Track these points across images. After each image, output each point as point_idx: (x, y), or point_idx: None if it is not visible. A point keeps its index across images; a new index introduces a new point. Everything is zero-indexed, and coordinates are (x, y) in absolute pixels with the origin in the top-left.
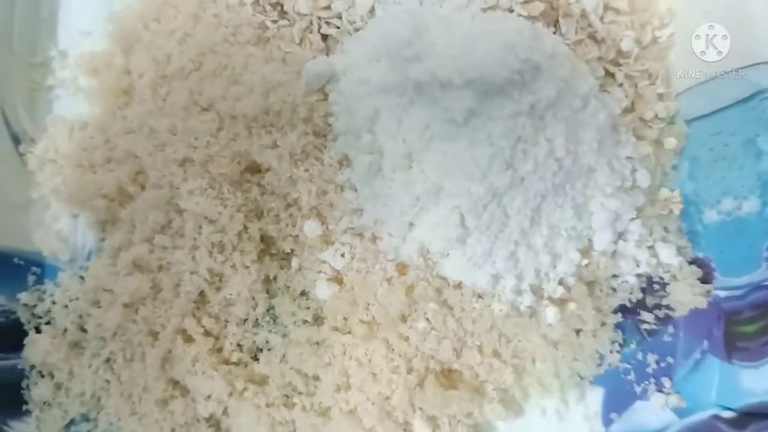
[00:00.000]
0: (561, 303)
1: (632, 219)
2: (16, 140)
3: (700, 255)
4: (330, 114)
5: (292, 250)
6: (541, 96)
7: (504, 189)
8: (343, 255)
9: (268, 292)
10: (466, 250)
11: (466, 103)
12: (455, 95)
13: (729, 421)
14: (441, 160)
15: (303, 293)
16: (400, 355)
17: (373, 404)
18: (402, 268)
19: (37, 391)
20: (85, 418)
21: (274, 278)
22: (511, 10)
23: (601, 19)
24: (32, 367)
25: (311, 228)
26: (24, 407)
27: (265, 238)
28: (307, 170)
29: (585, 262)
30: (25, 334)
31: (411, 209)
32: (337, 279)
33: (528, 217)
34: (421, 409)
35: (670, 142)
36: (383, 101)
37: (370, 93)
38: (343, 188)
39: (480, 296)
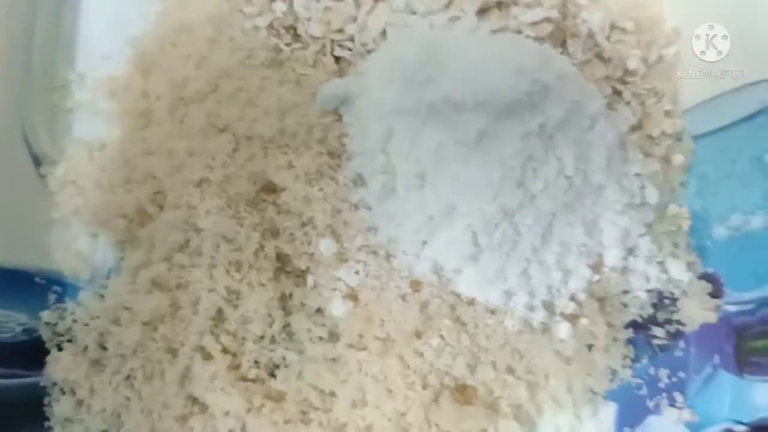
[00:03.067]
0: (573, 319)
1: (642, 235)
2: (36, 162)
3: (710, 270)
4: (344, 135)
5: (308, 268)
6: (550, 116)
7: (515, 208)
8: (357, 272)
9: (284, 309)
10: (479, 268)
11: (478, 125)
12: (467, 117)
13: None
14: (453, 180)
15: (318, 310)
16: (415, 372)
17: (389, 420)
18: (416, 285)
19: (59, 407)
20: None
21: (290, 296)
22: (519, 32)
23: (608, 38)
24: (54, 384)
25: (326, 246)
26: (46, 424)
27: (280, 257)
28: (321, 190)
29: (596, 278)
30: (47, 351)
31: (424, 228)
32: (352, 296)
33: (539, 235)
34: (437, 425)
35: (678, 159)
36: (396, 122)
37: (383, 114)
38: (357, 207)
39: (493, 312)
